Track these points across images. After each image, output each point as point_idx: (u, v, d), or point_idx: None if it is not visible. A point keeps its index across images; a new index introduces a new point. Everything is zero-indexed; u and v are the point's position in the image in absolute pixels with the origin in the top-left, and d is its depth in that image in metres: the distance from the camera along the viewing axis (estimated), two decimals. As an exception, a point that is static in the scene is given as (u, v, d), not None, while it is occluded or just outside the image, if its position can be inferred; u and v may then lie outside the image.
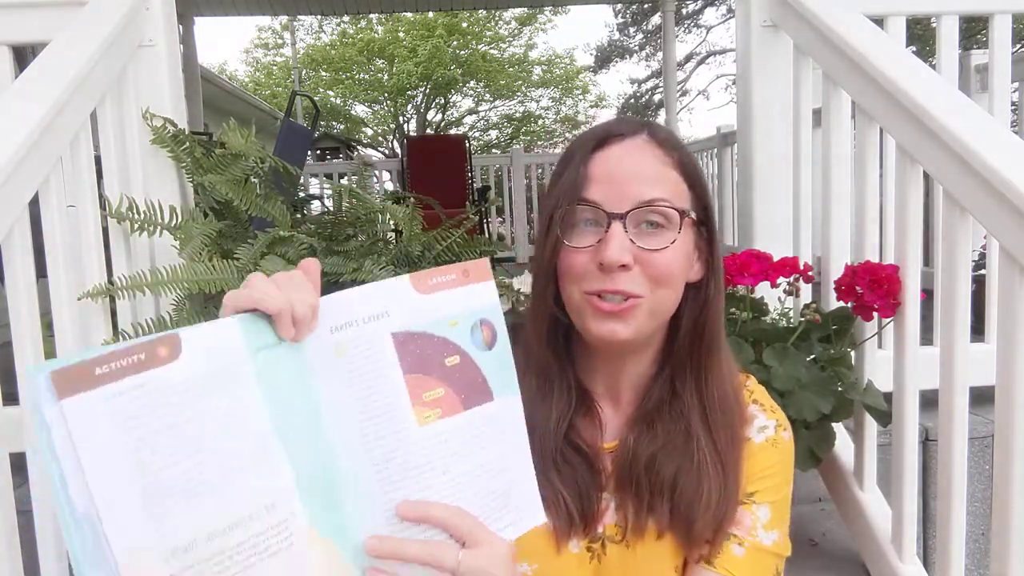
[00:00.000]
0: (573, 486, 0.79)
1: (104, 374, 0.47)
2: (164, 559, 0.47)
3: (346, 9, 6.63)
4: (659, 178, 0.75)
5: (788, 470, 0.84)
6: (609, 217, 0.73)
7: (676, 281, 0.76)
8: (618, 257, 0.71)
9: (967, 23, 4.08)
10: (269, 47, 19.07)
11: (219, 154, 1.74)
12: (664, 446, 0.79)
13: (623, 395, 0.84)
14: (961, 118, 1.20)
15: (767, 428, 0.84)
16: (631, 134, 0.77)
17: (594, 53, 19.34)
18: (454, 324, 0.61)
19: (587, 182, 0.75)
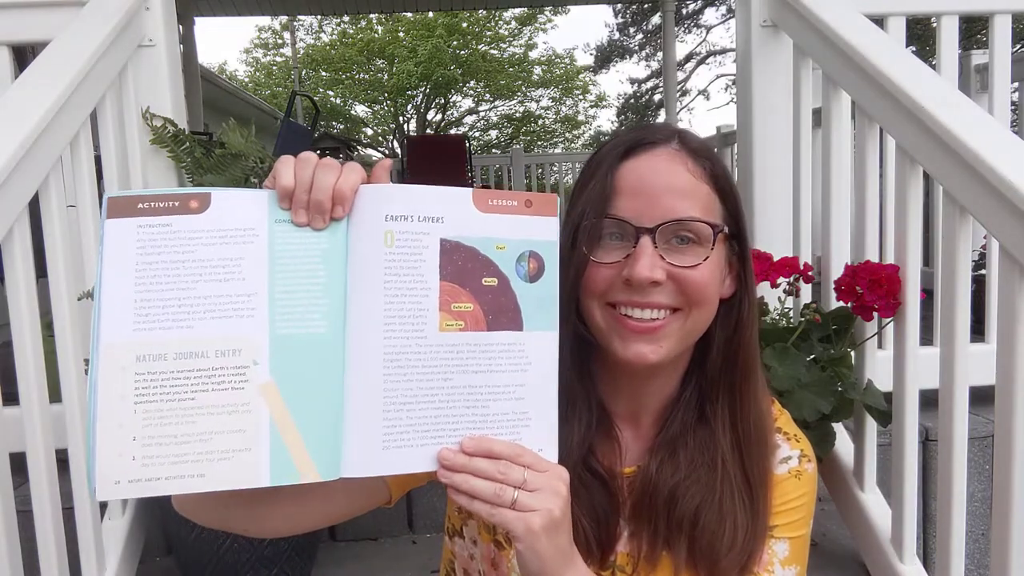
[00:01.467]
0: (591, 512, 0.75)
1: (143, 209, 0.57)
2: (136, 358, 0.56)
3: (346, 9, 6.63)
4: (691, 191, 0.70)
5: (811, 504, 0.79)
6: (638, 232, 0.69)
7: (711, 299, 0.72)
8: (648, 274, 0.68)
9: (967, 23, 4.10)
10: (269, 47, 19.08)
11: (219, 154, 1.74)
12: (687, 477, 0.74)
13: (644, 418, 0.80)
14: (961, 118, 1.20)
15: (791, 459, 0.78)
16: (662, 142, 0.73)
17: (594, 53, 19.35)
18: (502, 248, 0.63)
19: (615, 194, 0.71)
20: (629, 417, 0.80)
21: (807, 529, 0.78)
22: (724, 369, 0.75)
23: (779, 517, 0.76)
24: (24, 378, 1.18)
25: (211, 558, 1.41)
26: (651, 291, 0.69)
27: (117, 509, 1.47)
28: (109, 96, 1.52)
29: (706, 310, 0.72)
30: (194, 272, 0.58)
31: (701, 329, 0.73)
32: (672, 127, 0.76)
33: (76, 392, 1.30)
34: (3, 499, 1.12)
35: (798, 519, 0.77)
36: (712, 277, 0.71)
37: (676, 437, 0.76)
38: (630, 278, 0.69)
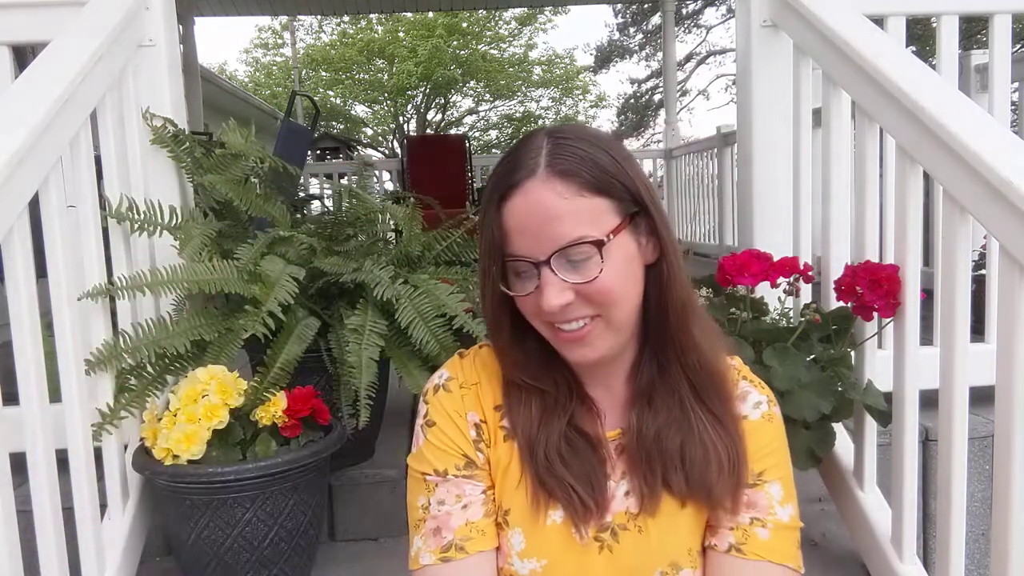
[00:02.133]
0: (582, 474, 0.81)
1: None
2: None
3: (346, 9, 6.63)
4: (568, 212, 0.74)
5: (785, 444, 0.86)
6: (536, 266, 0.75)
7: (621, 294, 0.77)
8: (556, 304, 0.74)
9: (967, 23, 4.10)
10: (269, 47, 19.08)
11: (219, 154, 1.74)
12: (665, 420, 0.81)
13: (615, 383, 0.86)
14: (961, 118, 1.20)
15: (761, 404, 0.85)
16: (527, 176, 0.75)
17: (594, 53, 19.35)
18: None
19: (506, 235, 0.77)
20: (603, 384, 0.87)
21: (789, 467, 0.86)
22: (661, 325, 0.81)
23: (764, 461, 0.83)
24: (24, 378, 1.18)
25: (211, 559, 1.41)
26: (567, 311, 0.76)
27: (117, 509, 1.47)
28: (109, 96, 1.52)
29: (622, 306, 0.78)
30: None
31: (628, 320, 0.80)
32: (536, 145, 0.77)
33: (76, 392, 1.30)
34: (3, 499, 1.12)
35: (780, 459, 0.85)
36: (616, 277, 0.76)
37: (646, 389, 0.84)
38: (544, 309, 0.75)
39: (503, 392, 0.87)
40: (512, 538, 0.82)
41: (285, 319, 1.51)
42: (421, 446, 0.87)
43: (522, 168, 0.76)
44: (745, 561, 0.80)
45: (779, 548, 0.81)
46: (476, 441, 0.85)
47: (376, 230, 1.94)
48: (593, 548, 0.81)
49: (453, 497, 0.83)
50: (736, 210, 3.66)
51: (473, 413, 0.86)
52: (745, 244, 1.86)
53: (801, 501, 0.83)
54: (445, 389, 0.87)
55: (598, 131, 0.82)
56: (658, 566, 0.81)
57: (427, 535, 0.82)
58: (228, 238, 1.71)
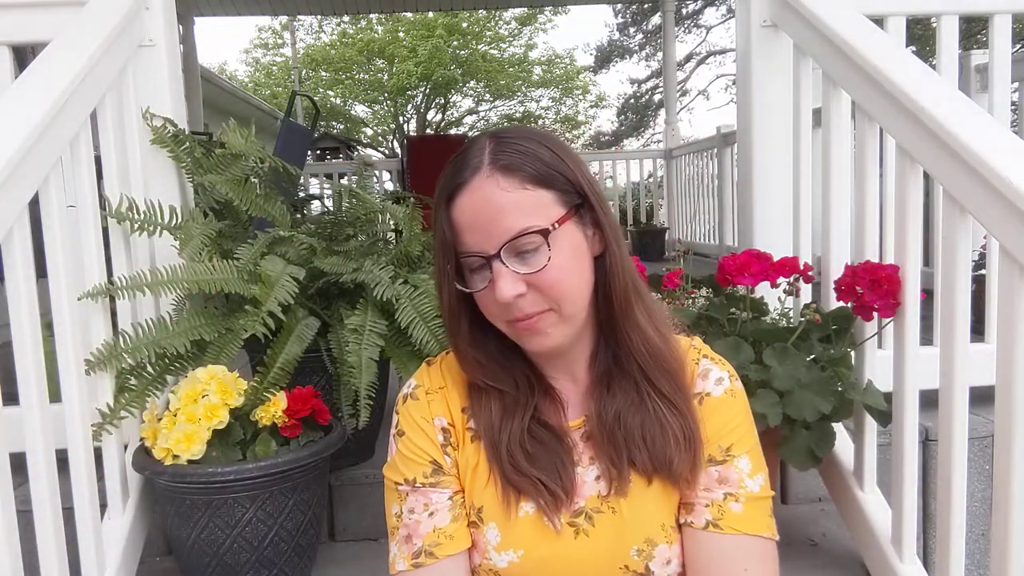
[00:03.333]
0: (548, 465, 0.84)
1: None
2: None
3: (346, 9, 6.63)
4: (512, 205, 0.77)
5: (750, 416, 0.88)
6: (488, 260, 0.78)
7: (571, 285, 0.80)
8: (509, 293, 0.77)
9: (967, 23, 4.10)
10: (269, 47, 19.07)
11: (219, 154, 1.74)
12: (623, 402, 0.85)
13: (577, 370, 0.89)
14: (961, 118, 1.20)
15: (723, 380, 0.87)
16: (472, 174, 0.79)
17: (594, 53, 19.35)
18: None
19: (457, 233, 0.80)
20: (565, 374, 0.89)
21: (756, 438, 0.88)
22: (609, 311, 0.85)
23: (730, 435, 0.85)
24: (24, 378, 1.18)
25: (211, 559, 1.41)
26: (521, 304, 0.78)
27: (117, 509, 1.47)
28: (109, 96, 1.52)
29: (572, 298, 0.80)
30: None
31: (580, 310, 0.82)
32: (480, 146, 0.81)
33: (76, 392, 1.30)
34: (3, 499, 1.12)
35: (745, 432, 0.86)
36: (564, 267, 0.79)
37: (604, 375, 0.87)
38: (497, 300, 0.78)
39: (468, 394, 0.90)
40: (487, 533, 0.85)
41: (285, 319, 1.51)
42: (393, 456, 0.91)
43: (467, 168, 0.80)
44: (723, 536, 0.82)
45: (752, 519, 0.83)
46: (444, 445, 0.88)
47: (376, 230, 1.94)
48: (568, 534, 0.84)
49: (421, 506, 0.86)
50: (736, 210, 3.67)
51: (440, 418, 0.89)
52: (745, 244, 1.86)
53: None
54: (413, 397, 0.91)
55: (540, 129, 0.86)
56: (633, 543, 0.83)
57: (400, 542, 0.87)
58: (228, 238, 1.71)
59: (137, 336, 1.46)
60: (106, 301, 1.48)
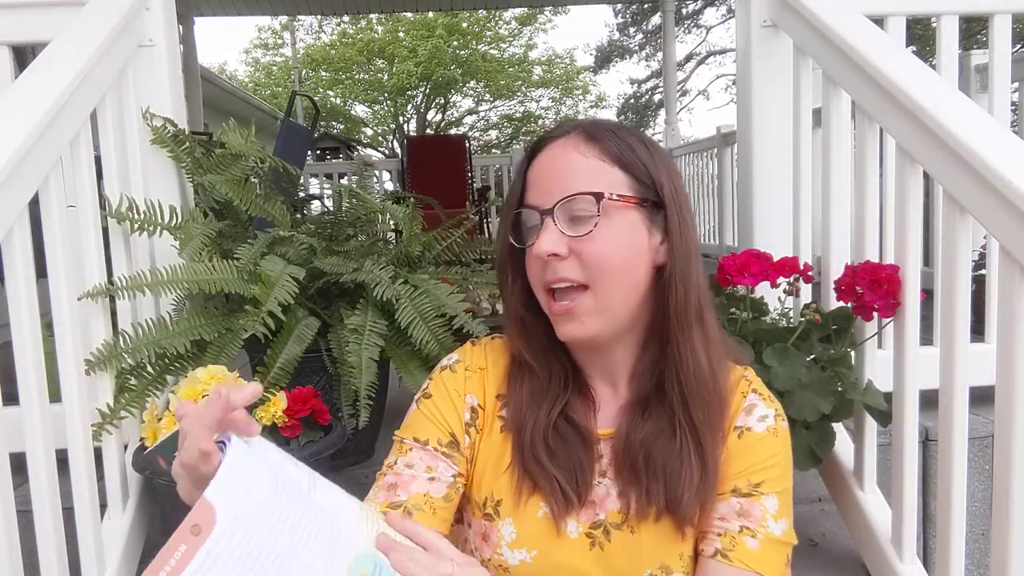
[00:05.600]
0: (566, 465, 0.82)
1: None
2: None
3: (346, 9, 6.63)
4: (583, 170, 0.78)
5: (789, 459, 0.86)
6: (541, 215, 0.78)
7: (616, 269, 0.78)
8: (548, 248, 0.77)
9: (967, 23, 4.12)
10: (269, 47, 19.08)
11: (219, 154, 1.74)
12: (654, 430, 0.82)
13: (619, 380, 0.87)
14: (961, 118, 1.20)
15: (767, 417, 0.85)
16: (560, 136, 0.81)
17: (594, 53, 19.36)
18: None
19: (526, 188, 0.82)
20: (605, 380, 0.87)
21: (789, 483, 0.85)
22: (666, 330, 0.82)
23: (764, 473, 0.82)
24: (24, 378, 1.18)
25: (211, 558, 1.42)
26: (557, 266, 0.78)
27: (117, 509, 1.47)
28: (109, 96, 1.52)
29: (614, 281, 0.79)
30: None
31: (623, 298, 0.80)
32: (577, 122, 0.84)
33: (76, 392, 1.30)
34: (3, 499, 1.12)
35: (780, 473, 0.84)
36: (611, 245, 0.77)
37: (641, 398, 0.84)
38: (536, 255, 0.78)
39: (507, 380, 0.88)
40: (502, 528, 0.83)
41: (285, 319, 1.51)
42: (409, 417, 0.88)
43: (557, 131, 0.83)
44: (729, 568, 0.79)
45: (767, 560, 0.80)
46: (468, 424, 0.86)
47: (376, 230, 1.94)
48: (583, 543, 0.82)
49: (424, 467, 0.83)
50: (736, 210, 3.66)
51: (473, 396, 0.87)
52: (745, 244, 1.86)
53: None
54: (451, 370, 0.89)
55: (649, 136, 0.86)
56: (648, 567, 0.81)
57: (381, 488, 0.82)
58: (228, 238, 1.71)
59: (137, 336, 1.46)
60: (106, 301, 1.48)
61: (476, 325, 1.55)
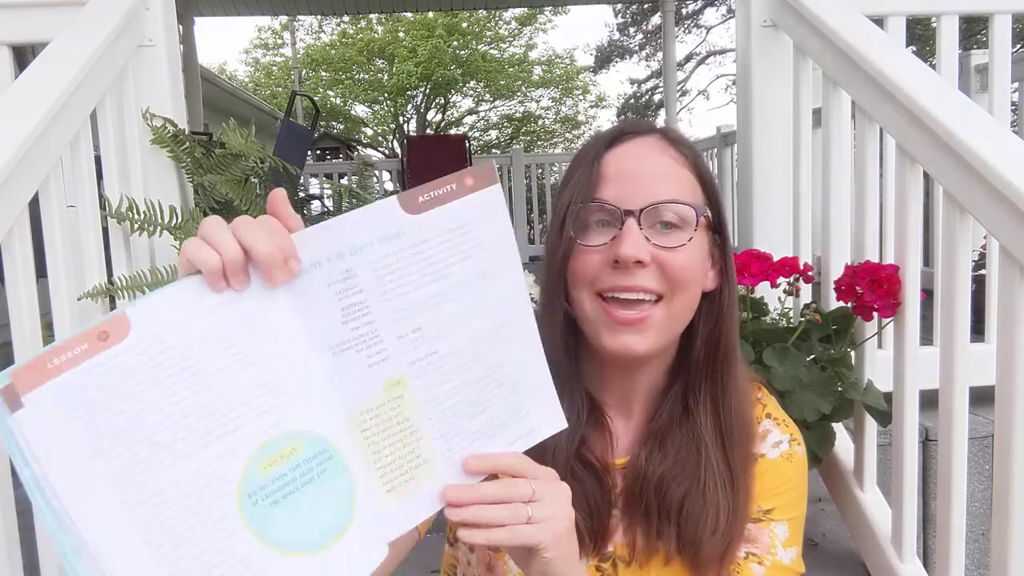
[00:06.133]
0: (583, 504, 0.76)
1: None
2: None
3: (346, 9, 6.63)
4: (673, 176, 0.73)
5: (803, 486, 0.81)
6: (624, 214, 0.70)
7: (693, 286, 0.73)
8: (634, 252, 0.69)
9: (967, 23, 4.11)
10: (269, 47, 19.07)
11: (219, 154, 1.74)
12: (673, 466, 0.76)
13: (635, 408, 0.81)
14: (961, 118, 1.20)
15: (782, 443, 0.81)
16: (644, 133, 0.76)
17: (594, 53, 19.35)
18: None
19: (601, 180, 0.73)
20: (620, 408, 0.81)
21: (802, 510, 0.81)
22: (707, 361, 0.77)
23: (775, 499, 0.78)
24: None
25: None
26: (636, 273, 0.70)
27: (117, 509, 1.47)
28: (109, 96, 1.52)
29: (688, 297, 0.73)
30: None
31: (685, 318, 0.75)
32: (652, 124, 0.79)
33: (76, 392, 1.29)
34: (3, 499, 1.12)
35: (793, 500, 0.79)
36: (695, 262, 0.72)
37: (663, 428, 0.78)
38: (617, 257, 0.70)
39: None
40: (509, 560, 0.79)
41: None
42: None
43: (638, 126, 0.76)
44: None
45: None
46: None
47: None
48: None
49: None
50: (736, 210, 3.66)
51: None
52: (745, 244, 1.86)
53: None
54: None
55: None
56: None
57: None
58: (228, 238, 1.71)
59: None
60: (106, 301, 1.48)
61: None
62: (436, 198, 0.56)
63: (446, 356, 0.57)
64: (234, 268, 0.51)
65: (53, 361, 0.47)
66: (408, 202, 0.55)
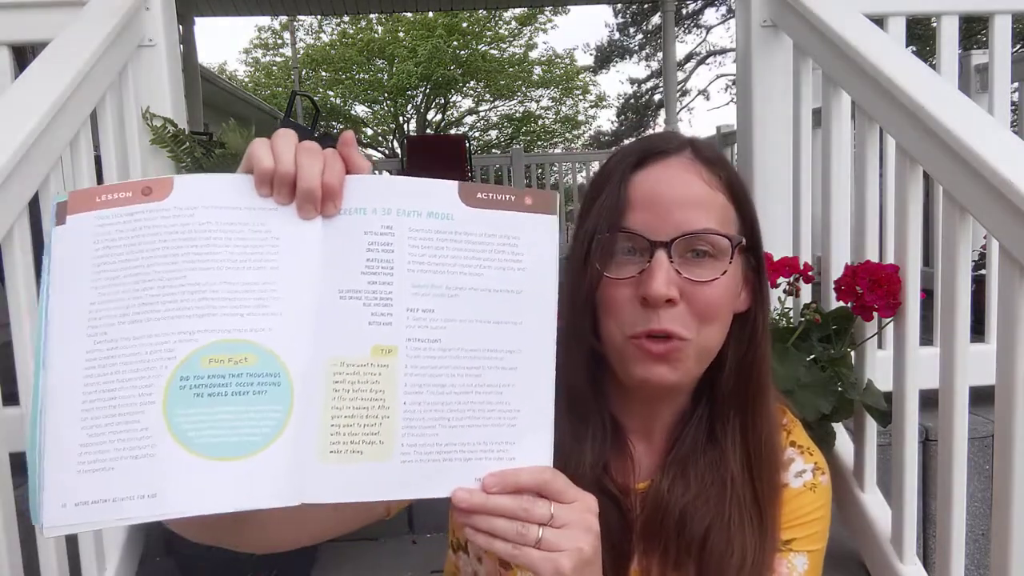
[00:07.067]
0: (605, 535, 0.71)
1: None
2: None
3: (346, 9, 6.63)
4: (707, 202, 0.68)
5: (827, 519, 0.77)
6: (652, 246, 0.66)
7: (723, 316, 0.69)
8: (664, 291, 0.65)
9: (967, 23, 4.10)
10: (269, 47, 19.07)
11: (219, 154, 1.74)
12: (697, 496, 0.72)
13: (656, 432, 0.78)
14: (961, 118, 1.20)
15: (805, 472, 0.77)
16: (674, 151, 0.70)
17: (594, 53, 19.36)
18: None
19: (628, 206, 0.68)
20: (642, 432, 0.78)
21: (824, 543, 0.76)
22: (737, 387, 0.73)
23: (796, 531, 0.75)
24: (24, 378, 1.18)
25: (211, 559, 1.41)
26: (666, 315, 0.66)
27: (117, 509, 1.47)
28: (109, 96, 1.52)
29: (717, 327, 0.69)
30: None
31: (714, 347, 0.71)
32: (683, 136, 0.74)
33: (76, 392, 1.29)
34: (3, 499, 1.12)
35: (815, 532, 0.75)
36: (727, 293, 0.68)
37: (687, 456, 0.74)
38: (645, 296, 0.66)
39: None
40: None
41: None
42: None
43: (668, 143, 0.71)
44: None
45: None
46: None
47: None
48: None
49: None
50: (736, 210, 3.65)
51: None
52: (745, 244, 1.86)
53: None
54: None
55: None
56: None
57: None
58: (228, 238, 1.71)
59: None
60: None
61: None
62: (493, 200, 0.57)
63: (445, 350, 0.56)
64: (282, 180, 0.53)
65: (102, 196, 0.52)
66: (466, 192, 0.57)
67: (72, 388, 0.52)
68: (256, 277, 0.53)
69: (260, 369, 0.53)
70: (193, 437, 0.52)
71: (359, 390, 0.55)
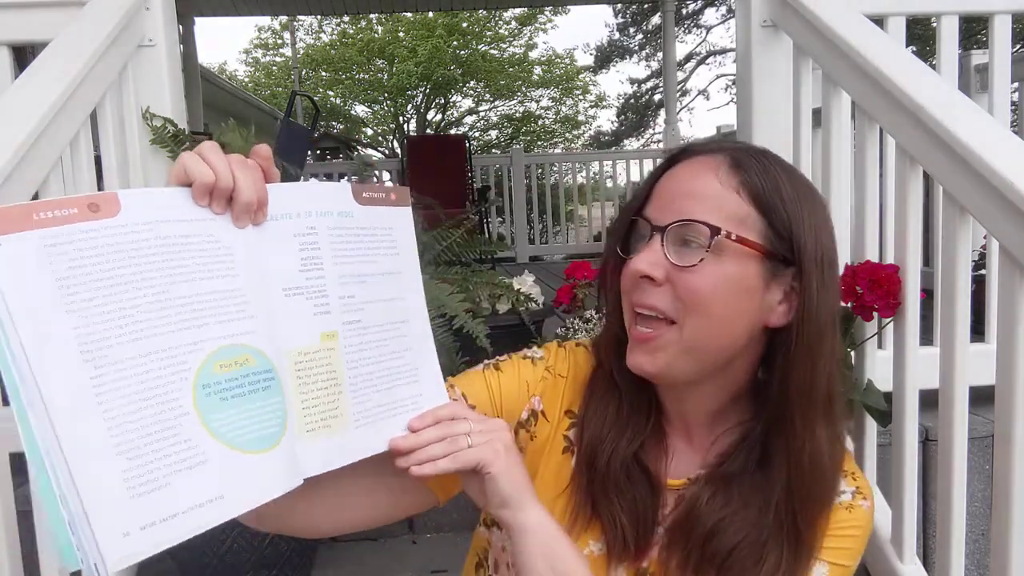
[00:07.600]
0: (632, 511, 0.75)
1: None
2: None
3: (346, 9, 6.63)
4: (711, 197, 0.70)
5: (860, 540, 0.76)
6: (652, 230, 0.71)
7: (711, 310, 0.69)
8: (643, 267, 0.70)
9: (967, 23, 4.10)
10: (269, 47, 19.07)
11: (219, 154, 1.74)
12: (734, 514, 0.73)
13: (694, 429, 0.79)
14: (961, 118, 1.19)
15: (844, 493, 0.76)
16: (702, 152, 0.74)
17: (594, 53, 19.35)
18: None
19: (648, 199, 0.74)
20: (679, 428, 0.80)
21: (851, 564, 0.75)
22: (779, 402, 0.72)
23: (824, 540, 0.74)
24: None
25: (211, 559, 1.42)
26: (649, 290, 0.71)
27: (117, 509, 1.47)
28: (109, 96, 1.52)
29: (708, 322, 0.70)
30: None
31: (712, 346, 0.71)
32: (730, 142, 0.78)
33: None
34: (3, 499, 1.12)
35: (844, 550, 0.75)
36: (714, 285, 0.69)
37: (734, 474, 0.74)
38: (630, 271, 0.72)
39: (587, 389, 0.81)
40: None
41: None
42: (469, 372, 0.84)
43: (703, 145, 0.76)
44: None
45: None
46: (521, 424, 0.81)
47: (376, 230, 1.94)
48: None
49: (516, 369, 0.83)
50: (736, 210, 3.65)
51: (540, 400, 0.81)
52: (745, 244, 1.86)
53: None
54: (532, 362, 0.84)
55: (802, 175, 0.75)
56: None
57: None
58: (228, 238, 1.71)
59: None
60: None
61: (476, 325, 1.55)
62: (375, 199, 0.69)
63: (365, 328, 0.67)
64: (221, 192, 0.58)
65: (40, 214, 0.50)
66: (357, 193, 0.67)
67: (89, 419, 0.51)
68: (225, 285, 0.58)
69: (259, 367, 0.59)
70: (234, 437, 0.56)
71: (318, 374, 0.63)
